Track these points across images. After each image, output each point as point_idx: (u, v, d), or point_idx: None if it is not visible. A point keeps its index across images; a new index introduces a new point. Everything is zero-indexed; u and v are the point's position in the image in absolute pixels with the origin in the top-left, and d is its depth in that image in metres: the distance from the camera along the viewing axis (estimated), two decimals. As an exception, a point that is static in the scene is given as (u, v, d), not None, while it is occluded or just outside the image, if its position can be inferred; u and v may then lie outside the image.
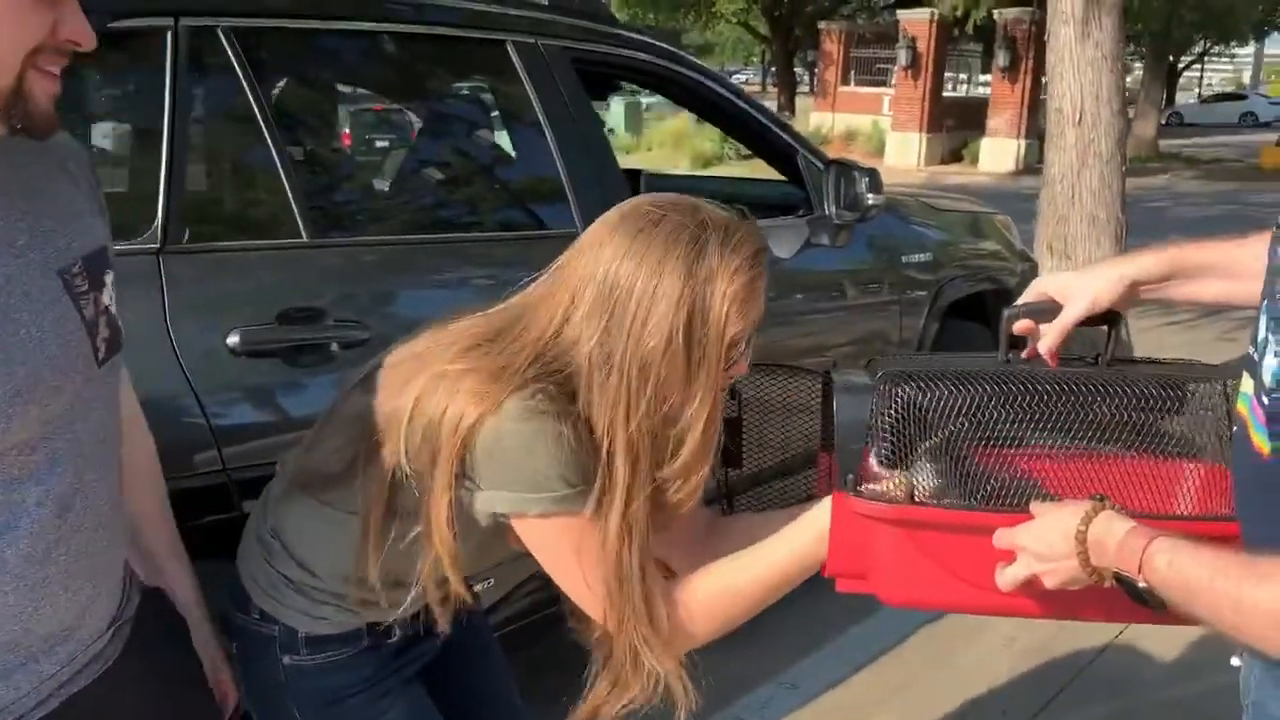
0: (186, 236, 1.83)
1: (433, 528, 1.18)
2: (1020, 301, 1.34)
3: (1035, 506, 1.12)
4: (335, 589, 1.30)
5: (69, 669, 1.01)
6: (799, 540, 1.22)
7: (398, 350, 1.27)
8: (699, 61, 2.96)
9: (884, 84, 22.49)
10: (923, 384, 1.21)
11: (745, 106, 3.07)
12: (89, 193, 1.09)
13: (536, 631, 2.12)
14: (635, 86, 3.90)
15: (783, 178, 3.40)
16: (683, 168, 16.32)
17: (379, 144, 3.38)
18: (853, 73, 23.44)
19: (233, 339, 1.83)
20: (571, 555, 1.19)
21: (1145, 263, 1.29)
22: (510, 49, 2.39)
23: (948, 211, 3.98)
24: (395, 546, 1.24)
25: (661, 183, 4.06)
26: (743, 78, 60.48)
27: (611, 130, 19.10)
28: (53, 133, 0.95)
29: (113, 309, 1.05)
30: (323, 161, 2.39)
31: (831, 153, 3.31)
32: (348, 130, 3.31)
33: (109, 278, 1.05)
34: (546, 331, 1.18)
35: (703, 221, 1.17)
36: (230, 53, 1.93)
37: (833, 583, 1.24)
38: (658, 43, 2.88)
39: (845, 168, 3.05)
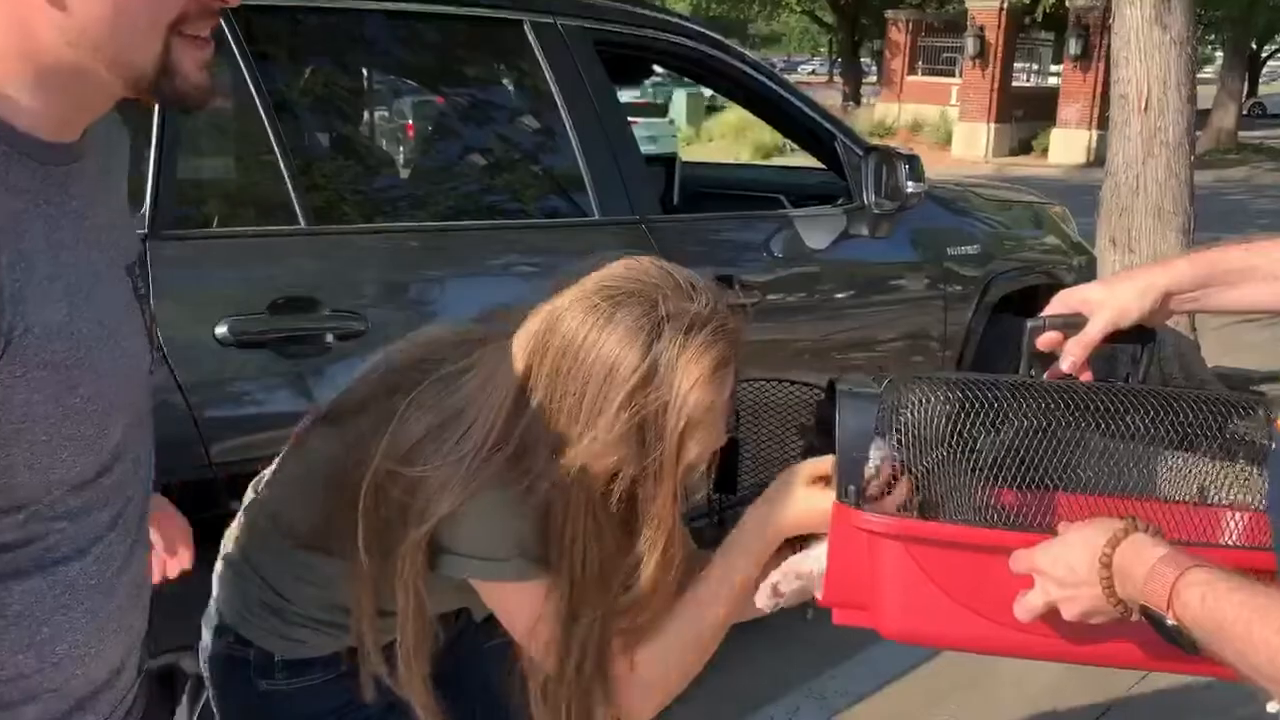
0: (175, 222, 1.77)
1: (403, 590, 1.12)
2: (1046, 312, 1.19)
3: (1063, 526, 0.99)
4: (311, 614, 1.23)
5: None
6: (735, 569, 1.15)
7: (349, 394, 1.23)
8: (732, 44, 2.84)
9: (951, 74, 22.05)
10: (933, 390, 1.08)
11: (780, 90, 2.94)
12: (124, 178, 1.03)
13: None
14: (677, 74, 3.78)
15: (822, 166, 3.27)
16: (744, 159, 16.14)
17: (406, 130, 3.32)
18: (920, 62, 23.04)
19: (221, 329, 1.76)
20: (528, 622, 1.14)
21: (1179, 270, 1.13)
22: (527, 29, 2.30)
23: (999, 201, 3.81)
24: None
25: (695, 170, 3.94)
26: (808, 69, 59.90)
27: (671, 121, 18.98)
28: (207, 104, 0.86)
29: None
30: (329, 147, 2.32)
31: (897, 143, 3.16)
32: (410, 124, 3.25)
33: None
34: (495, 425, 1.09)
35: (654, 308, 1.05)
36: (227, 32, 1.86)
37: None
38: (687, 23, 2.77)
39: (885, 154, 2.91)
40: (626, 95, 16.56)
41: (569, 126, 2.30)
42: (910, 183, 2.83)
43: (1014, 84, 21.28)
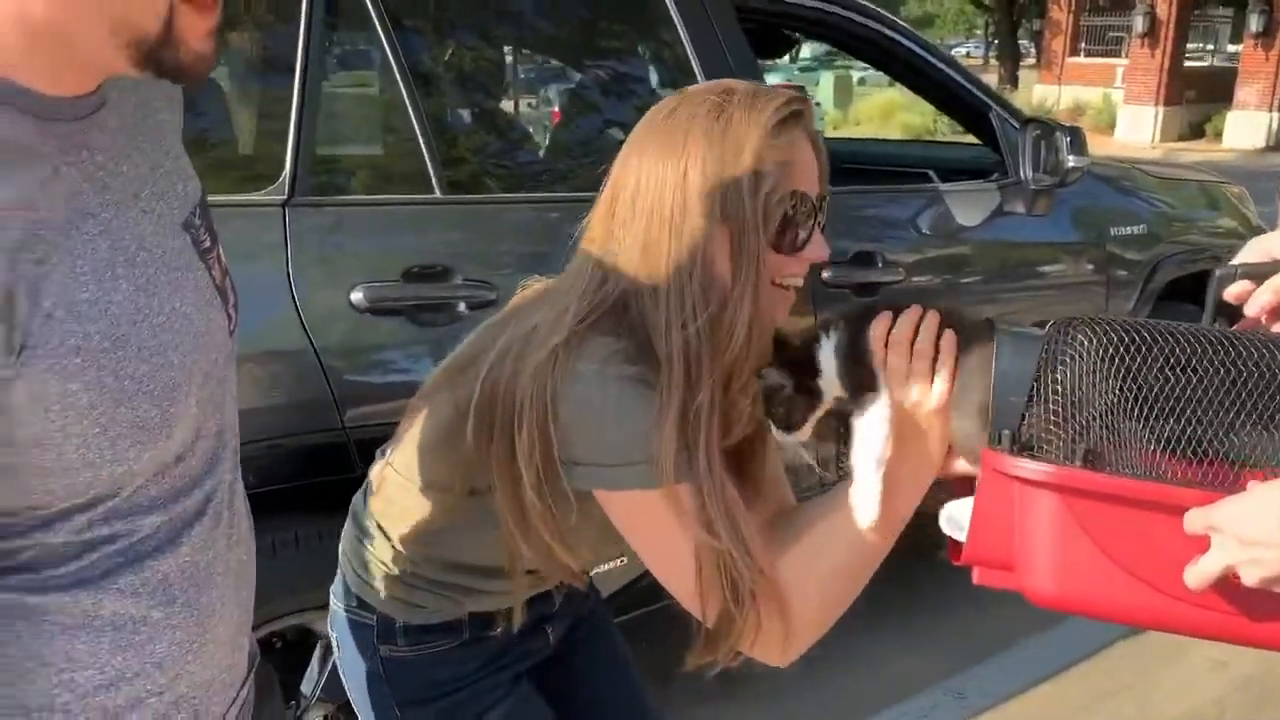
0: (313, 189, 1.79)
1: (521, 507, 1.06)
2: (1236, 259, 1.06)
3: (1252, 484, 0.86)
4: (432, 575, 1.21)
5: None
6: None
7: (461, 352, 1.18)
8: (879, 9, 2.71)
9: (1117, 54, 20.94)
10: (1107, 333, 0.96)
11: (934, 60, 2.80)
12: (179, 128, 0.92)
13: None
14: (842, 53, 3.63)
15: (977, 141, 3.11)
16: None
17: (541, 102, 3.31)
18: (1082, 43, 21.96)
19: (356, 295, 1.77)
20: (668, 528, 1.02)
21: None
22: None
23: (1169, 180, 3.55)
24: (488, 530, 1.13)
25: (839, 145, 3.81)
26: (963, 50, 57.98)
27: (818, 104, 18.63)
28: (206, 78, 0.76)
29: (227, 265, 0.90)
30: (466, 117, 2.31)
31: None
32: (547, 97, 3.25)
33: (216, 228, 0.90)
34: (593, 262, 1.06)
35: (725, 90, 1.04)
36: (369, 5, 1.87)
37: (991, 589, 1.02)
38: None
39: (1045, 127, 2.74)
40: (773, 77, 16.37)
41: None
42: (1072, 157, 2.66)
43: (1186, 63, 20.06)
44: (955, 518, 1.04)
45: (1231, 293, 1.03)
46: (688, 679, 1.62)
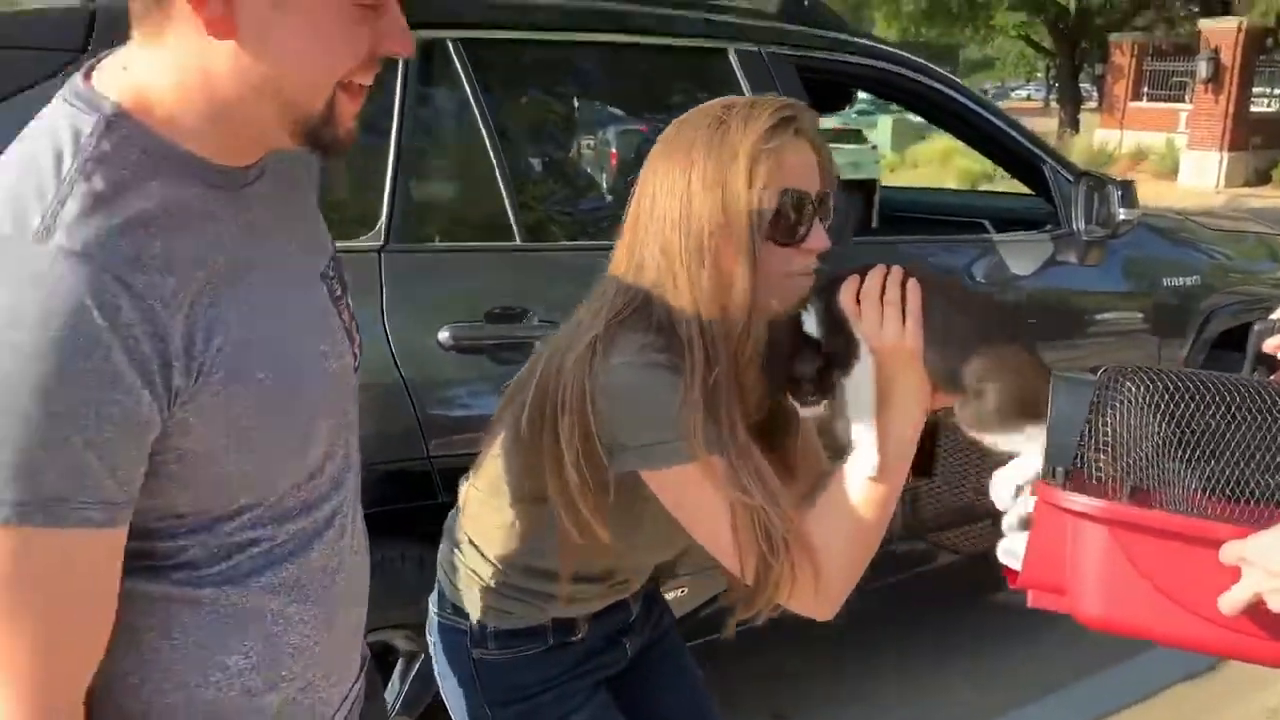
0: (407, 236, 1.94)
1: (565, 485, 1.18)
2: (1276, 314, 1.16)
3: None
4: (516, 582, 1.33)
5: None
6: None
7: (522, 371, 1.31)
8: (938, 69, 2.83)
9: (1180, 99, 20.73)
10: (1153, 381, 1.06)
11: (987, 114, 2.90)
12: (316, 193, 1.07)
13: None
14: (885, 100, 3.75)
15: (1030, 192, 3.20)
16: (949, 186, 15.75)
17: (610, 155, 3.46)
18: (1145, 87, 21.77)
19: (443, 334, 1.92)
20: (707, 496, 1.13)
21: None
22: (732, 57, 2.38)
23: (1226, 233, 3.60)
24: (553, 535, 1.25)
25: (897, 195, 3.92)
26: (1023, 93, 57.62)
27: (874, 147, 18.71)
28: (347, 151, 0.88)
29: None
30: (543, 169, 2.47)
31: (1118, 172, 3.07)
32: (615, 150, 3.40)
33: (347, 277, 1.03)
34: (625, 269, 1.20)
35: (727, 104, 1.18)
36: (458, 64, 2.03)
37: (1054, 629, 1.11)
38: (889, 49, 2.78)
39: (1097, 180, 2.83)
40: (830, 121, 16.48)
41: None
42: (1123, 210, 2.74)
43: (1251, 109, 19.80)
44: (1012, 549, 1.15)
45: (1271, 344, 1.13)
46: (751, 707, 1.71)
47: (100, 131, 0.78)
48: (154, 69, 0.81)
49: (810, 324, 1.14)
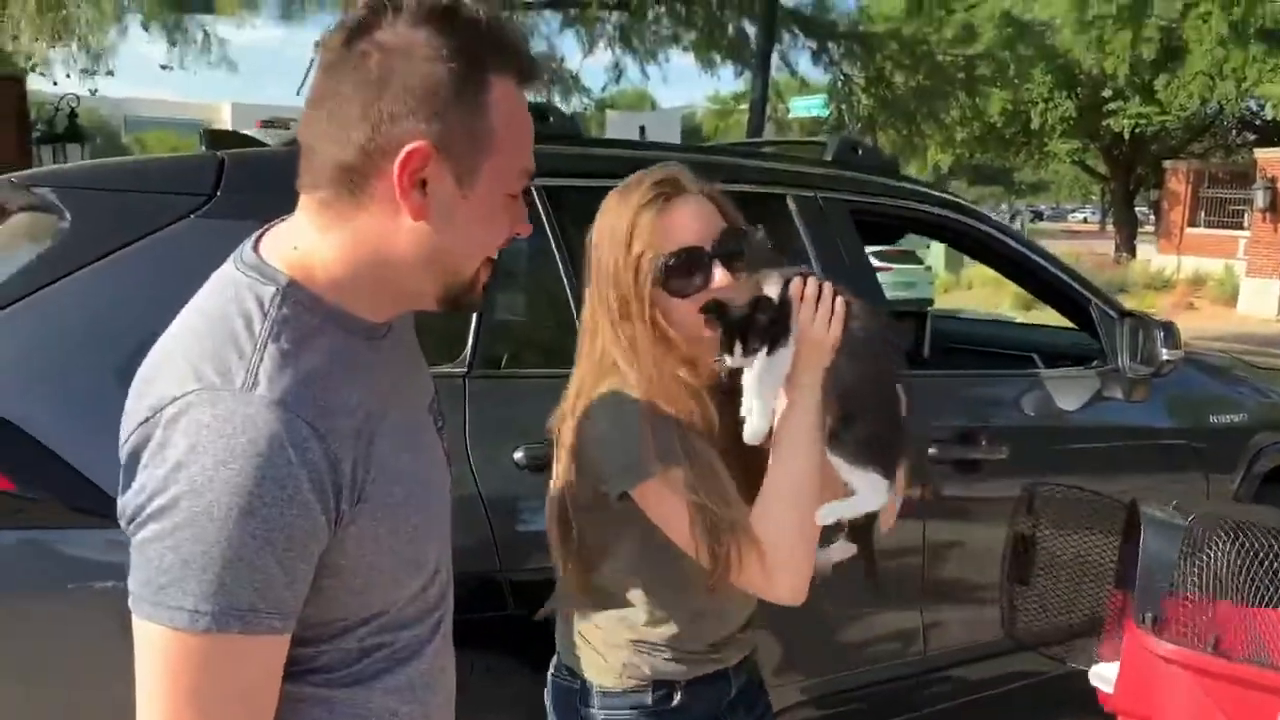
0: (489, 362, 2.12)
1: (567, 519, 1.41)
2: None
3: None
4: (616, 640, 1.45)
5: None
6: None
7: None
8: (982, 210, 2.99)
9: (1238, 226, 20.72)
10: (1240, 534, 1.17)
11: (1031, 255, 3.05)
12: (415, 340, 1.20)
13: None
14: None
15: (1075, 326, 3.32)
16: (1004, 308, 15.81)
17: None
18: (1201, 213, 21.82)
19: (518, 454, 2.07)
20: (671, 502, 1.32)
21: None
22: (789, 202, 2.57)
23: (1274, 370, 3.68)
24: (633, 585, 1.42)
25: (944, 324, 4.05)
26: (1079, 216, 57.79)
27: (928, 268, 18.91)
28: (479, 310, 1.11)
29: None
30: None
31: (1177, 296, 3.18)
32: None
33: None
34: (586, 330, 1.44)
35: (636, 179, 1.41)
36: (539, 205, 2.23)
37: None
38: (936, 192, 2.96)
39: (1141, 320, 2.94)
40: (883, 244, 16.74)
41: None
42: (1165, 350, 2.84)
43: (1312, 237, 19.71)
44: (1103, 675, 1.27)
45: None
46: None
47: (279, 300, 0.94)
48: (325, 244, 0.96)
49: (771, 289, 1.30)
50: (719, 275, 1.37)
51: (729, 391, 1.37)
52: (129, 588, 0.88)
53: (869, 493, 1.29)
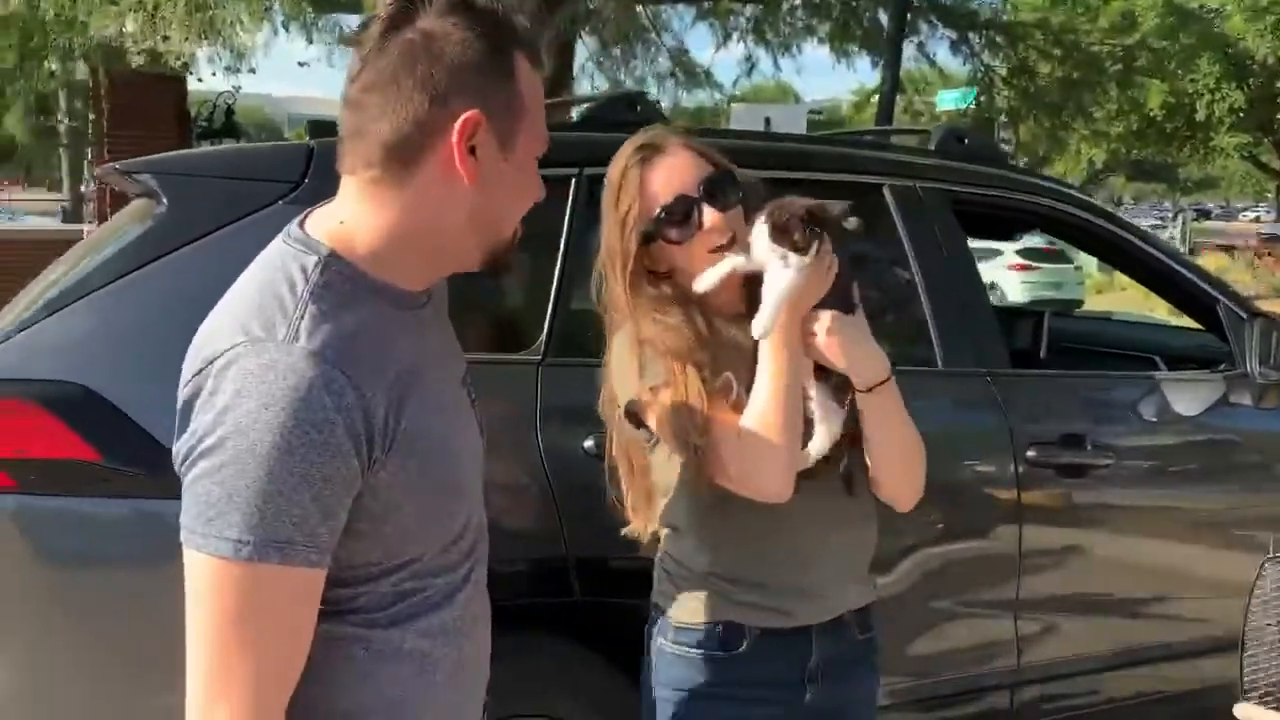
0: (562, 351, 2.13)
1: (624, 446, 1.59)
2: None
3: None
4: (692, 575, 1.52)
5: None
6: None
7: None
8: (1101, 205, 2.83)
9: None
10: None
11: (1153, 251, 2.87)
12: (447, 317, 1.28)
13: None
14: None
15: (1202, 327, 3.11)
16: (1160, 311, 15.03)
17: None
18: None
19: (588, 442, 2.07)
20: (661, 414, 1.46)
21: None
22: (886, 192, 2.49)
23: None
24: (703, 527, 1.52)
25: (1064, 324, 3.86)
26: (1252, 215, 54.46)
27: (1079, 268, 18.12)
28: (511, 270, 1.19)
29: None
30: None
31: None
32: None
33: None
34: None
35: (625, 144, 1.54)
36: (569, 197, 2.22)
37: None
38: (1050, 184, 2.81)
39: (1273, 322, 2.74)
40: (1036, 240, 16.06)
41: (919, 281, 2.44)
42: (1299, 354, 2.64)
43: None
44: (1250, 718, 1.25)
45: None
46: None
47: (321, 268, 1.03)
48: (372, 218, 1.05)
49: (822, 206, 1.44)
50: (709, 216, 1.46)
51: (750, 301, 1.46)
52: (181, 523, 0.97)
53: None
